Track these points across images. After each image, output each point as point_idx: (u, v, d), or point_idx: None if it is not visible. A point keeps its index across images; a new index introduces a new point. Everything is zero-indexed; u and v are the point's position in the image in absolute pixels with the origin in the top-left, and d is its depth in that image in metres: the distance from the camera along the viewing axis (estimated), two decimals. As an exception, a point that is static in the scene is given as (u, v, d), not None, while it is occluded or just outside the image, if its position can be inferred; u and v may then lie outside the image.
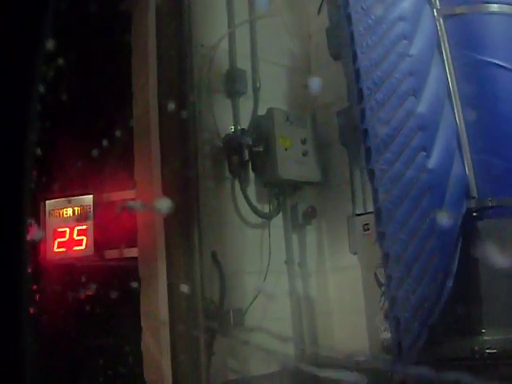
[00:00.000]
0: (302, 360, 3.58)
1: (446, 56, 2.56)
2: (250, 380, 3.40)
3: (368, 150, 2.36)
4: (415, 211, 2.37)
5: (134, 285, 3.44)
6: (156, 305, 3.32)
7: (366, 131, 2.39)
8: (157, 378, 3.29)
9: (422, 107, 2.44)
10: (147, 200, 3.46)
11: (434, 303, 2.30)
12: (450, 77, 2.61)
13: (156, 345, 3.30)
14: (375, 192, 2.34)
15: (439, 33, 2.57)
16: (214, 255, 3.42)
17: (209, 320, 3.31)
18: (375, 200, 2.33)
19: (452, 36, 2.60)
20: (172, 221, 3.32)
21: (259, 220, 3.65)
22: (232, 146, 3.54)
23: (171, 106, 3.43)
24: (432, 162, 2.42)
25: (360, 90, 2.38)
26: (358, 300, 3.56)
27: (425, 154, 2.41)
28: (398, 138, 2.39)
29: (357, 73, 2.37)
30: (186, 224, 3.30)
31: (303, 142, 3.69)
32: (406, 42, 2.45)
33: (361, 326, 3.55)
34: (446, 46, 2.56)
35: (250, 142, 3.53)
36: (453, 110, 2.60)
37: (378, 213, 2.33)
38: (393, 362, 2.25)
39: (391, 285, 2.24)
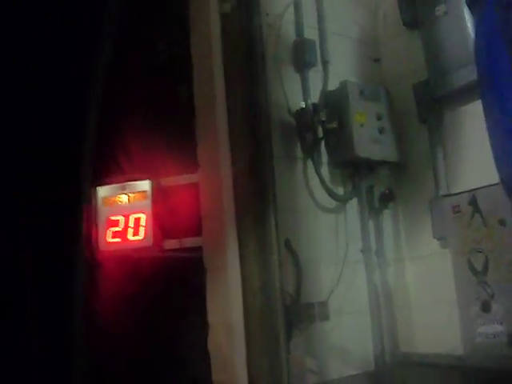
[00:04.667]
0: (386, 358, 3.26)
1: None
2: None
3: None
4: None
5: (198, 277, 3.13)
6: (226, 299, 3.01)
7: None
8: (228, 378, 2.98)
9: None
10: (212, 184, 3.15)
11: None
12: None
13: (228, 343, 2.98)
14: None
15: None
16: (287, 243, 3.11)
17: (285, 315, 3.00)
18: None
19: None
20: (245, 206, 3.01)
21: (333, 204, 3.33)
22: (304, 123, 3.22)
23: (239, 79, 3.12)
24: None
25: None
26: (444, 290, 3.23)
27: None
28: None
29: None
30: (261, 209, 2.98)
31: (379, 117, 3.36)
32: None
33: (444, 319, 3.23)
34: None
35: (324, 118, 3.21)
36: None
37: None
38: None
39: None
